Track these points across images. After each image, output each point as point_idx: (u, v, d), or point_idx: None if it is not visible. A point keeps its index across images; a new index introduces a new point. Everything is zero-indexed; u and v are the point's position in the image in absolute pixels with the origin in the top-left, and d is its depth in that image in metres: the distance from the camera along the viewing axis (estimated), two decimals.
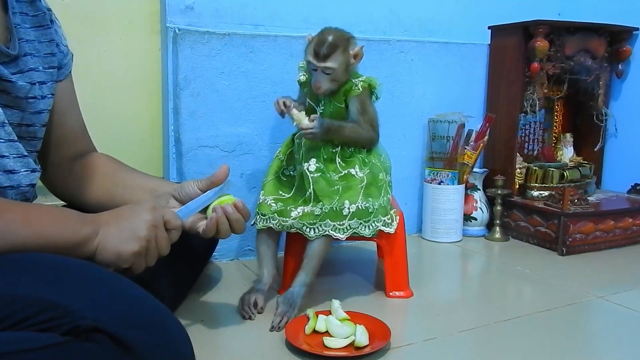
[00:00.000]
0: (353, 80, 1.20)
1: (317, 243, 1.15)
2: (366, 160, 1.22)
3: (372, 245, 1.54)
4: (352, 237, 1.17)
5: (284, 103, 1.19)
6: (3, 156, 0.82)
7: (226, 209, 0.91)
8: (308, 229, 1.15)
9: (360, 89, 1.19)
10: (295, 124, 1.17)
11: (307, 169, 1.17)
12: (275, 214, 1.18)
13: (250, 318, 1.12)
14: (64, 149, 1.00)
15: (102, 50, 1.46)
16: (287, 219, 1.17)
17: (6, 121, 0.82)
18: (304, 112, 1.18)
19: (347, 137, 1.20)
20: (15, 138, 0.84)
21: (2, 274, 0.67)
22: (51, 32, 0.94)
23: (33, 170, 0.87)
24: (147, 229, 0.81)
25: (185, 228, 0.90)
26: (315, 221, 1.14)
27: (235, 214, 0.91)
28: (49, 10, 0.96)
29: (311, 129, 1.14)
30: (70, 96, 1.01)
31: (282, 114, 1.19)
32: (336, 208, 1.14)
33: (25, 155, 0.86)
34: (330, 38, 1.15)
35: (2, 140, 0.81)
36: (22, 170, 0.85)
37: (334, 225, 1.14)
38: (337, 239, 1.14)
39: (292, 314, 1.10)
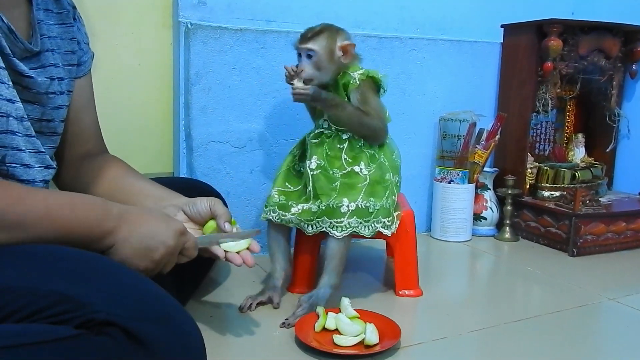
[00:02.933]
0: (351, 74, 1.17)
1: (333, 242, 1.13)
2: (375, 156, 1.19)
3: (382, 244, 1.54)
4: (353, 235, 1.15)
5: (294, 69, 1.15)
6: (20, 149, 0.82)
7: (245, 258, 0.93)
8: (306, 225, 1.15)
9: (358, 82, 1.16)
10: (294, 85, 1.13)
11: (309, 166, 1.17)
12: (276, 207, 1.18)
13: (249, 309, 1.14)
14: (76, 147, 1.00)
15: (114, 45, 1.46)
16: (287, 214, 1.17)
17: (25, 116, 0.83)
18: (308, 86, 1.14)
19: (347, 116, 1.16)
20: (33, 133, 0.84)
21: (16, 265, 0.67)
22: (74, 30, 0.95)
23: (47, 167, 0.88)
24: (163, 254, 0.80)
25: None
26: (312, 218, 1.14)
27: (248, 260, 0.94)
28: (74, 8, 0.97)
29: (302, 90, 1.11)
30: (87, 95, 1.01)
31: (291, 77, 1.15)
32: (333, 205, 1.12)
33: (42, 152, 0.87)
34: (318, 26, 1.16)
35: (20, 135, 0.82)
36: (36, 165, 0.85)
37: (331, 223, 1.12)
38: (333, 236, 1.12)
39: None
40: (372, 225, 1.14)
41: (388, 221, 1.17)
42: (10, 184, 0.75)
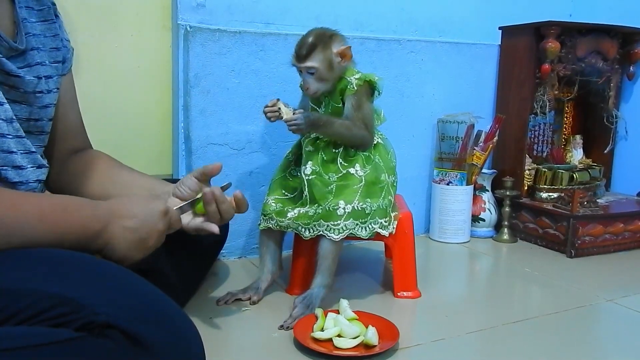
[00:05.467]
0: (348, 79, 1.17)
1: (325, 243, 1.14)
2: (370, 158, 1.20)
3: (380, 245, 1.54)
4: (350, 237, 1.15)
5: (270, 104, 1.15)
6: (11, 152, 0.82)
7: (214, 190, 0.92)
8: (303, 229, 1.15)
9: (355, 87, 1.17)
10: (283, 118, 1.13)
11: (304, 172, 1.17)
12: (274, 214, 1.19)
13: (225, 303, 1.18)
14: (63, 144, 1.00)
15: (113, 47, 1.46)
16: (284, 219, 1.18)
17: (14, 117, 0.82)
18: (291, 108, 1.15)
19: (336, 132, 1.16)
20: (23, 134, 0.84)
21: (16, 268, 0.67)
22: (56, 26, 0.95)
23: (40, 166, 0.88)
24: (157, 239, 0.82)
25: (185, 228, 0.92)
26: (309, 222, 1.14)
27: (221, 197, 0.92)
28: (54, 4, 0.96)
29: (294, 120, 1.11)
30: (71, 91, 1.02)
31: (272, 116, 1.14)
32: (329, 208, 1.13)
33: (33, 152, 0.86)
34: (310, 38, 1.14)
35: (11, 137, 0.82)
36: (29, 166, 0.85)
37: (328, 225, 1.12)
38: (331, 239, 1.13)
39: None
40: (369, 226, 1.15)
41: (385, 221, 1.17)
42: (2, 190, 0.74)
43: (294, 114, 1.12)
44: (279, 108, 1.13)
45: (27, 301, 0.63)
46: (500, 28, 1.80)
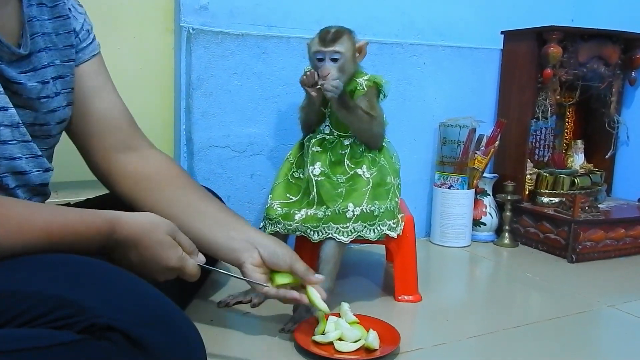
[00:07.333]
0: (357, 80, 1.18)
1: (329, 247, 1.14)
2: (376, 160, 1.20)
3: (381, 249, 1.54)
4: (358, 240, 1.16)
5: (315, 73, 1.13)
6: (15, 158, 0.81)
7: (294, 295, 0.96)
8: (312, 232, 1.15)
9: (366, 88, 1.18)
10: (321, 80, 1.11)
11: (312, 172, 1.17)
12: (280, 218, 1.19)
13: (226, 306, 1.17)
14: (102, 138, 0.94)
15: (115, 49, 1.46)
16: (292, 223, 1.17)
17: (20, 122, 0.81)
18: None
19: (358, 119, 1.16)
20: (29, 138, 0.83)
21: (18, 270, 0.67)
22: (70, 22, 0.91)
23: (46, 170, 0.87)
24: (161, 275, 0.82)
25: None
26: (318, 224, 1.14)
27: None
28: None
29: (334, 83, 1.10)
30: (97, 79, 0.95)
31: (314, 82, 1.13)
32: (339, 211, 1.13)
33: (39, 155, 0.85)
34: (335, 28, 1.16)
35: (16, 142, 0.81)
36: (33, 170, 0.85)
37: (337, 228, 1.13)
38: (341, 241, 1.13)
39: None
40: (378, 228, 1.15)
41: (393, 223, 1.18)
42: (10, 208, 0.71)
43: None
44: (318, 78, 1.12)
45: (29, 303, 0.63)
46: (502, 32, 1.80)
